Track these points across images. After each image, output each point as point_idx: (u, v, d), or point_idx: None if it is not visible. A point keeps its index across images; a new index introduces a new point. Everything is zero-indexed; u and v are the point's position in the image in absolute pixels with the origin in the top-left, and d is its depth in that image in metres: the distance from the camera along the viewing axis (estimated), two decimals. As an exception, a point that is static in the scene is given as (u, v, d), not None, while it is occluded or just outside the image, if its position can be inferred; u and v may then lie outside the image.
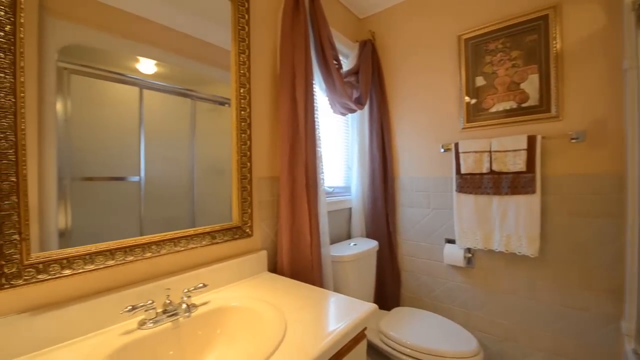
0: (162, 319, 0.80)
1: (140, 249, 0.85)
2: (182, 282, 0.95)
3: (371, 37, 1.98)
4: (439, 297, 1.83)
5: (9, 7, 0.64)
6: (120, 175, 0.84)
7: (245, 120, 1.15)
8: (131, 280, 0.87)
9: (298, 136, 1.28)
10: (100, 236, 0.79)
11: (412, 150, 1.93)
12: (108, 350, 0.67)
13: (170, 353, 0.78)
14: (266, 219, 1.29)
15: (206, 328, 0.86)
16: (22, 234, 0.65)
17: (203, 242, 1.02)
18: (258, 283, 1.11)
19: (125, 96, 0.86)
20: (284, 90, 1.26)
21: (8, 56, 0.63)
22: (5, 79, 0.63)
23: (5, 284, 0.64)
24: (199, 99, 1.03)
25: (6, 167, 0.63)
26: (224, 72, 1.10)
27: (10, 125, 0.63)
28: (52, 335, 0.70)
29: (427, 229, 1.87)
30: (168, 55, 0.94)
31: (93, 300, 0.76)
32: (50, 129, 0.71)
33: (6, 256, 0.64)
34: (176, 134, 0.97)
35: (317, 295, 1.00)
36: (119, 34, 0.83)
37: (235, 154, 1.13)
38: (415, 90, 1.91)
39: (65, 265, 0.71)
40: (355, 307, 0.90)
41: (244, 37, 1.14)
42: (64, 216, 0.74)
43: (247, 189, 1.16)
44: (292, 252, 1.25)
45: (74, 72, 0.76)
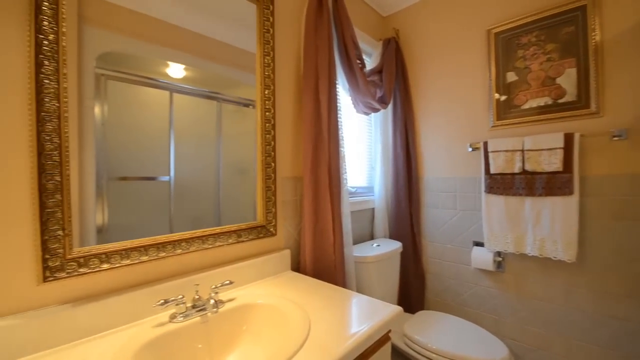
0: (191, 313, 0.83)
1: (172, 245, 0.89)
2: (209, 278, 0.97)
3: (395, 35, 1.95)
4: (466, 302, 1.77)
5: (52, 17, 0.68)
6: (151, 175, 0.88)
7: (270, 121, 1.17)
8: (163, 275, 0.91)
9: (321, 136, 1.28)
10: (134, 233, 0.83)
11: (438, 149, 1.88)
12: (142, 341, 0.71)
13: (199, 346, 0.81)
14: (289, 219, 1.30)
15: (232, 324, 0.88)
16: (65, 230, 0.70)
17: (229, 240, 1.05)
18: (281, 281, 1.13)
19: (157, 100, 0.90)
20: (307, 90, 1.27)
21: (52, 64, 0.68)
22: (50, 85, 0.68)
23: (50, 276, 0.69)
24: (225, 101, 1.06)
25: (51, 168, 0.68)
26: (248, 74, 1.13)
27: (55, 128, 0.68)
28: (92, 325, 0.74)
29: (454, 230, 1.81)
30: (196, 59, 0.97)
31: (128, 294, 0.80)
32: (89, 131, 0.76)
33: (51, 250, 0.68)
34: (203, 136, 1.01)
35: (340, 295, 1.00)
36: (150, 41, 0.87)
37: (260, 154, 1.15)
38: (441, 87, 1.85)
39: (103, 259, 0.76)
40: (379, 309, 0.89)
41: (268, 40, 1.16)
42: (101, 213, 0.78)
43: (272, 188, 1.18)
44: (315, 251, 1.26)
45: (110, 77, 0.80)
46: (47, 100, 0.67)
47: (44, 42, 0.66)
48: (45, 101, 0.66)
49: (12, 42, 0.65)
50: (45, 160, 0.67)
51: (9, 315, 0.65)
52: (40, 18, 0.66)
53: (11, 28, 0.65)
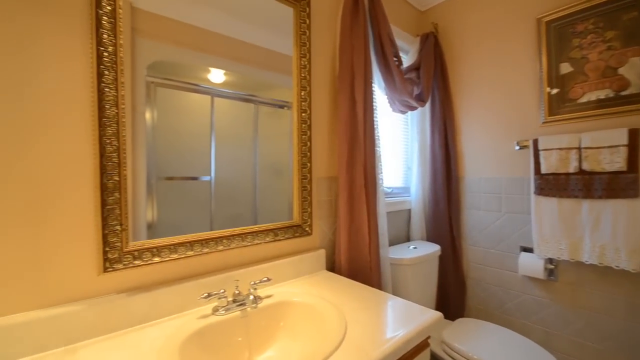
0: (232, 307, 0.86)
1: (214, 242, 0.93)
2: (248, 274, 1.01)
3: (434, 30, 1.88)
4: (512, 311, 1.65)
5: (110, 31, 0.75)
6: (194, 175, 0.93)
7: (306, 122, 1.18)
8: (206, 270, 0.95)
9: (357, 136, 1.27)
10: (178, 229, 0.89)
11: (480, 148, 1.78)
12: (189, 331, 0.75)
13: (239, 339, 0.84)
14: (324, 218, 1.31)
15: (270, 319, 0.90)
16: (122, 225, 0.76)
17: (267, 238, 1.08)
18: (317, 281, 1.14)
19: (199, 104, 0.95)
20: (343, 90, 1.27)
21: (111, 73, 0.75)
22: (109, 93, 0.74)
23: (109, 267, 0.75)
24: (261, 104, 1.09)
25: (111, 168, 0.74)
26: (284, 76, 1.15)
27: (114, 132, 0.74)
28: (143, 314, 0.81)
29: (498, 234, 1.70)
30: (235, 64, 1.01)
31: (176, 286, 0.86)
32: (141, 135, 0.82)
33: (110, 244, 0.75)
34: (241, 137, 1.04)
35: (376, 297, 0.98)
36: (194, 49, 0.92)
37: (296, 154, 1.17)
38: (485, 83, 1.75)
39: (155, 253, 0.82)
40: (418, 313, 0.86)
41: (305, 42, 1.17)
42: (151, 211, 0.84)
43: (307, 188, 1.19)
44: (350, 252, 1.25)
45: (159, 85, 0.86)
46: (107, 107, 0.73)
47: (104, 54, 0.73)
48: (105, 108, 0.73)
49: (77, 54, 0.73)
50: (106, 162, 0.74)
51: (74, 301, 0.73)
52: (101, 31, 0.73)
53: (76, 41, 0.73)
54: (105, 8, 0.73)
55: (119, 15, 0.75)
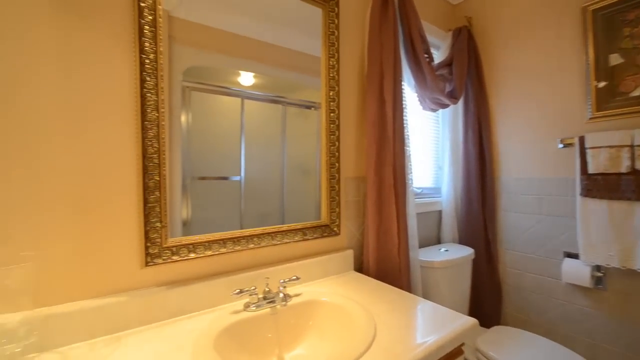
0: (262, 304, 0.88)
1: (245, 240, 0.96)
2: (277, 273, 1.03)
3: (467, 24, 1.80)
4: (554, 321, 1.55)
5: (152, 39, 0.79)
6: (225, 175, 0.97)
7: (334, 122, 1.18)
8: (237, 267, 0.99)
9: (386, 136, 1.26)
10: (210, 227, 0.92)
11: (518, 146, 1.68)
12: (222, 325, 0.78)
13: (268, 336, 0.86)
14: (352, 219, 1.30)
15: (299, 318, 0.91)
16: (162, 222, 0.81)
17: (295, 237, 1.09)
18: (344, 281, 1.13)
19: (230, 106, 0.98)
20: (372, 90, 1.25)
21: (152, 79, 0.79)
22: (151, 98, 0.79)
23: (150, 262, 0.80)
24: (289, 104, 1.11)
25: (152, 169, 0.79)
26: (311, 77, 1.16)
27: (155, 135, 0.79)
28: (180, 307, 0.85)
29: (539, 238, 1.60)
30: (264, 67, 1.03)
31: (210, 281, 0.89)
32: (177, 137, 0.86)
33: (151, 239, 0.80)
34: (269, 138, 1.07)
35: (406, 300, 0.96)
36: (225, 53, 0.95)
37: (325, 154, 1.17)
38: (524, 77, 1.65)
39: (191, 249, 0.86)
40: (451, 319, 0.83)
41: (333, 42, 1.17)
42: (185, 209, 0.88)
43: (335, 188, 1.20)
44: (378, 253, 1.23)
45: (193, 89, 0.90)
46: (149, 111, 0.78)
47: (145, 61, 0.78)
48: (147, 112, 0.78)
49: (123, 62, 0.78)
50: (147, 162, 0.78)
51: (119, 292, 0.78)
52: (143, 40, 0.78)
53: (121, 51, 0.78)
54: (147, 18, 0.77)
55: (159, 24, 0.80)
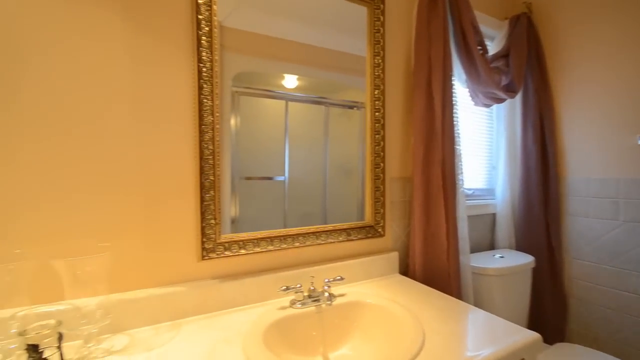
0: (307, 302, 0.90)
1: (291, 238, 0.99)
2: (321, 272, 1.04)
3: (526, 10, 1.65)
4: (630, 341, 1.35)
5: (208, 49, 0.85)
6: (269, 175, 1.00)
7: (379, 121, 1.16)
8: (283, 264, 1.02)
9: (434, 134, 1.20)
10: (255, 225, 0.96)
11: (589, 142, 1.50)
12: (270, 320, 0.81)
13: (313, 334, 0.87)
14: (397, 220, 1.27)
15: (344, 318, 0.91)
16: (216, 219, 0.87)
17: (340, 237, 1.09)
18: (389, 284, 1.11)
19: (275, 109, 1.01)
20: (419, 87, 1.21)
21: (208, 86, 0.85)
22: (207, 104, 0.85)
23: (205, 256, 0.86)
24: (332, 105, 1.11)
25: (208, 169, 0.85)
26: (354, 77, 1.15)
27: (210, 138, 0.85)
28: (232, 300, 0.90)
29: (614, 247, 1.41)
30: (307, 69, 1.05)
31: (258, 277, 0.93)
32: (227, 139, 0.91)
33: (207, 235, 0.86)
34: (312, 139, 1.08)
35: (456, 307, 0.91)
36: (271, 58, 0.99)
37: (369, 154, 1.15)
38: (597, 66, 1.47)
39: (241, 245, 0.91)
40: (509, 332, 0.77)
41: (378, 40, 1.15)
42: (234, 207, 0.93)
43: (380, 189, 1.17)
44: (425, 256, 1.19)
45: (242, 93, 0.95)
46: (205, 115, 0.84)
47: (203, 69, 0.84)
48: (204, 116, 0.84)
49: (183, 71, 0.85)
50: (204, 164, 0.84)
51: (179, 283, 0.85)
52: (200, 50, 0.84)
53: (181, 59, 0.85)
54: (204, 29, 0.83)
55: (214, 35, 0.85)
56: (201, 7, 0.83)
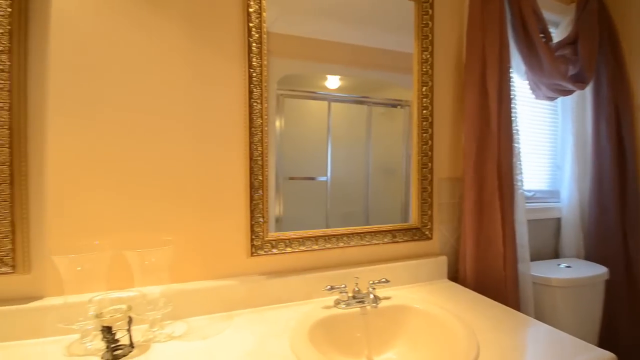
0: (352, 303, 0.89)
1: (336, 238, 0.99)
2: (365, 273, 1.03)
3: (599, -10, 1.46)
4: None
5: (257, 55, 0.89)
6: (312, 175, 1.02)
7: (427, 119, 1.11)
8: (326, 264, 1.02)
9: (488, 132, 1.12)
10: (298, 224, 0.98)
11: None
12: (315, 318, 0.82)
13: (357, 335, 0.87)
14: (446, 223, 1.21)
15: (389, 322, 0.89)
16: (264, 218, 0.90)
17: (384, 239, 1.07)
18: (437, 289, 1.06)
19: (317, 110, 1.03)
20: (471, 81, 1.13)
21: (258, 90, 0.89)
22: (256, 107, 0.89)
23: (254, 252, 0.90)
24: (374, 104, 1.10)
25: (257, 170, 0.89)
26: (398, 75, 1.12)
27: (260, 139, 0.89)
28: (278, 296, 0.93)
29: None
30: (349, 69, 1.05)
31: (303, 275, 0.95)
32: (272, 141, 0.94)
33: (255, 232, 0.90)
34: (354, 138, 1.08)
35: (515, 319, 0.84)
36: (313, 60, 1.00)
37: (416, 154, 1.11)
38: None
39: (287, 244, 0.93)
40: (578, 350, 0.69)
41: (427, 34, 1.11)
42: (278, 206, 0.96)
43: (428, 190, 1.13)
44: (478, 262, 1.11)
45: (286, 96, 0.97)
46: (255, 118, 0.88)
47: (253, 74, 0.88)
48: (254, 119, 0.88)
49: (234, 76, 0.90)
50: (253, 164, 0.89)
51: (231, 277, 0.90)
52: (251, 56, 0.88)
53: (233, 66, 0.90)
54: (254, 36, 0.87)
55: (264, 41, 0.89)
56: (252, 16, 0.87)
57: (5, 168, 0.70)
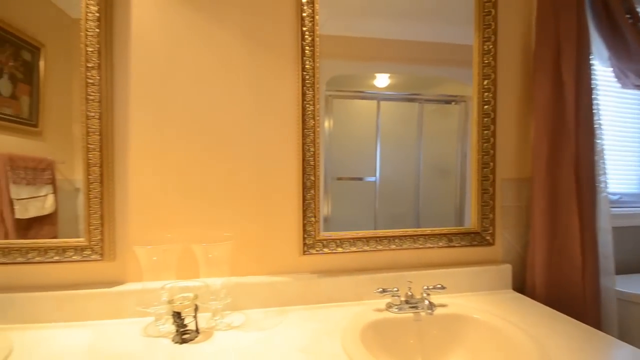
0: (404, 307, 0.86)
1: (387, 240, 0.97)
2: (418, 278, 0.98)
3: None
4: None
5: (310, 57, 0.90)
6: (359, 176, 1.01)
7: (489, 115, 1.03)
8: (377, 266, 1.01)
9: (564, 126, 1.00)
10: (345, 225, 0.97)
11: None
12: (366, 320, 0.81)
13: (410, 342, 0.84)
14: (510, 228, 1.10)
15: (445, 331, 0.84)
16: (315, 217, 0.92)
17: (439, 243, 1.02)
18: (500, 300, 0.97)
19: (366, 109, 1.01)
20: (542, 71, 1.02)
21: (310, 92, 0.91)
22: (309, 109, 0.91)
23: (306, 251, 0.92)
24: (426, 101, 1.05)
25: (309, 170, 0.91)
26: (453, 69, 1.05)
27: (312, 140, 0.91)
28: (328, 295, 0.94)
29: None
30: (399, 66, 1.01)
31: (353, 276, 0.95)
32: (321, 141, 0.94)
33: (307, 232, 0.92)
34: (405, 137, 1.04)
35: (597, 339, 0.73)
36: (361, 59, 0.99)
37: (476, 152, 1.04)
38: None
39: (338, 244, 0.94)
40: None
41: (489, 23, 1.02)
42: (326, 207, 0.97)
43: (489, 191, 1.04)
44: (550, 273, 1.00)
45: (334, 97, 0.98)
46: (307, 119, 0.90)
47: (306, 77, 0.90)
48: (306, 120, 0.90)
49: (288, 79, 0.93)
50: (306, 165, 0.91)
51: (284, 274, 0.94)
52: (304, 59, 0.90)
53: (287, 70, 0.93)
54: (307, 39, 0.89)
55: (316, 44, 0.90)
56: (305, 20, 0.89)
57: (97, 169, 0.81)
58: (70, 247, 0.82)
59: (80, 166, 0.82)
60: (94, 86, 0.81)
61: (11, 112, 0.82)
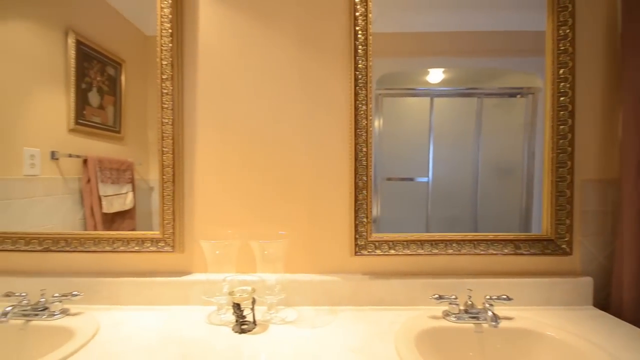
0: (463, 317, 0.81)
1: (444, 244, 0.92)
2: (479, 286, 0.91)
3: None
4: None
5: (363, 57, 0.90)
6: (411, 176, 0.97)
7: (566, 108, 0.91)
8: (432, 271, 0.96)
9: (663, 119, 0.84)
10: (395, 227, 0.95)
11: None
12: (421, 327, 0.78)
13: (469, 354, 0.78)
14: (591, 236, 0.97)
15: (511, 346, 0.77)
16: (367, 218, 0.91)
17: (504, 250, 0.93)
18: (578, 317, 0.86)
19: (418, 106, 0.97)
20: (633, 55, 0.88)
21: (363, 91, 0.90)
22: (361, 108, 0.90)
23: (358, 252, 0.91)
24: (486, 96, 0.97)
25: (362, 170, 0.90)
26: (519, 59, 0.96)
27: (364, 140, 0.90)
28: (380, 298, 0.92)
29: None
30: (454, 59, 0.96)
31: (406, 280, 0.92)
32: (371, 141, 0.92)
33: (359, 232, 0.91)
34: (461, 135, 0.98)
35: None
36: (413, 55, 0.95)
37: (549, 150, 0.93)
38: None
39: (391, 246, 0.91)
40: None
41: (565, 5, 0.91)
42: (375, 207, 0.95)
43: (566, 194, 0.92)
44: (643, 290, 0.85)
45: (384, 95, 0.95)
46: (360, 119, 0.90)
47: (358, 76, 0.89)
48: (359, 120, 0.89)
49: (340, 79, 0.94)
50: (358, 165, 0.90)
51: (335, 273, 0.95)
52: (357, 59, 0.90)
53: (339, 70, 0.94)
54: (360, 38, 0.89)
55: (369, 42, 0.89)
56: (358, 19, 0.89)
57: (170, 169, 0.91)
58: (148, 239, 0.92)
59: (156, 167, 0.92)
60: (168, 95, 0.90)
61: (99, 121, 0.95)
